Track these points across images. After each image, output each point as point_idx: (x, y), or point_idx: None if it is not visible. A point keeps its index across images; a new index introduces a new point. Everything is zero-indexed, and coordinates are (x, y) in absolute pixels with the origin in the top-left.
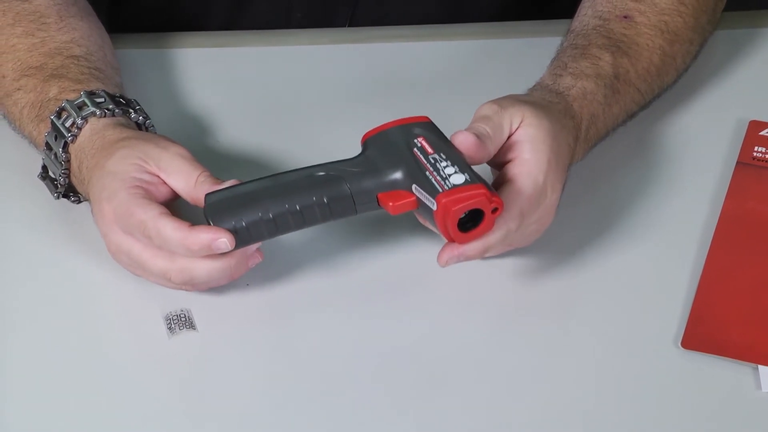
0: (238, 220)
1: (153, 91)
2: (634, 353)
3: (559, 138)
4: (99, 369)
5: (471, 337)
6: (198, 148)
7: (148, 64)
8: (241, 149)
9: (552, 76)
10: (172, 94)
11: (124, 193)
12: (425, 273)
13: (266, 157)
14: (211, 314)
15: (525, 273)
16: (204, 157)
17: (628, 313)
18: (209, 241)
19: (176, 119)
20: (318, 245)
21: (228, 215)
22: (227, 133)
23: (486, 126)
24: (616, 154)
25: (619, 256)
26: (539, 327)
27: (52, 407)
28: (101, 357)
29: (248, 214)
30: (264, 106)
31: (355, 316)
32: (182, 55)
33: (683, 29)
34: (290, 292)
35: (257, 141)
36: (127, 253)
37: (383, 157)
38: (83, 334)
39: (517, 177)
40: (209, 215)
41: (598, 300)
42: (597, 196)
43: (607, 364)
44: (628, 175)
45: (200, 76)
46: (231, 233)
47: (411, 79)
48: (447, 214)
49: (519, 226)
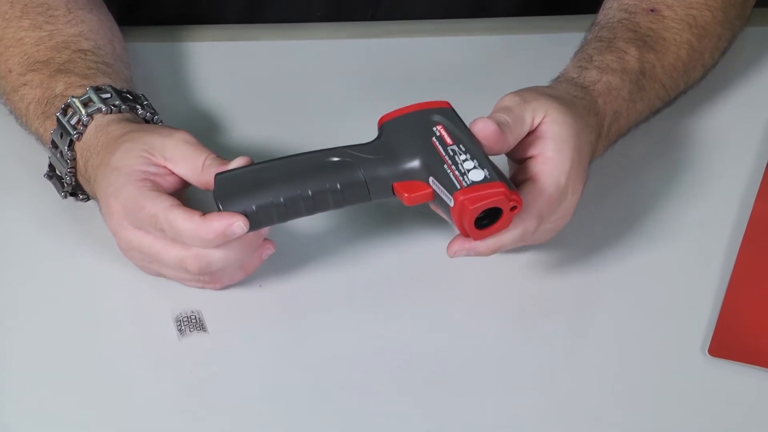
0: (248, 203)
1: (165, 86)
2: (658, 360)
3: (583, 137)
4: (107, 371)
5: (488, 339)
6: (210, 145)
7: (160, 58)
8: (255, 147)
9: (577, 68)
10: (185, 89)
11: (131, 188)
12: (441, 268)
13: (281, 154)
14: (222, 315)
15: (543, 271)
16: (217, 153)
17: (652, 318)
18: (223, 228)
19: (188, 115)
20: (331, 240)
21: (238, 198)
22: (241, 129)
23: (507, 116)
24: (639, 151)
25: (641, 257)
26: (557, 329)
27: (58, 410)
28: (109, 358)
29: (259, 197)
30: (279, 102)
31: (370, 315)
32: (195, 49)
33: (712, 24)
34: (304, 291)
35: (271, 138)
36: (138, 248)
37: (400, 144)
38: (91, 335)
39: (538, 176)
40: (219, 198)
41: (620, 303)
42: (618, 195)
43: (629, 370)
44: (651, 174)
45: (213, 71)
46: (244, 216)
47: (431, 76)
48: (464, 212)
49: (536, 227)
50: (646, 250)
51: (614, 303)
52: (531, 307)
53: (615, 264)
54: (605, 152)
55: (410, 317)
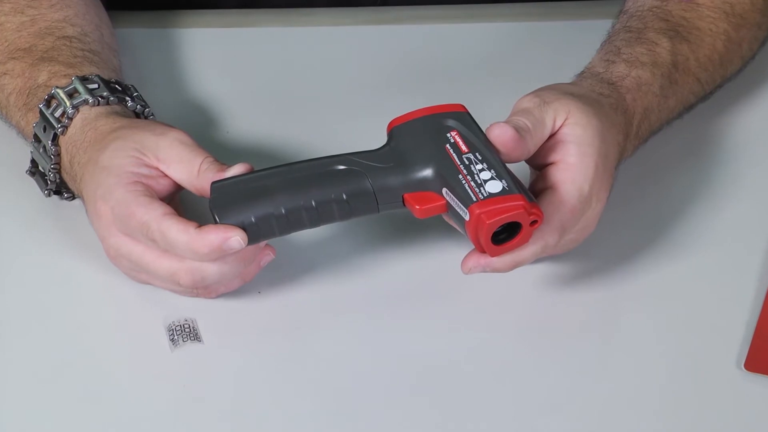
0: (247, 214)
1: (157, 75)
2: (691, 375)
3: (608, 139)
4: (93, 385)
5: (501, 354)
6: (205, 141)
7: (151, 46)
8: (253, 142)
9: (603, 62)
10: (178, 79)
11: (121, 191)
12: (452, 279)
13: (282, 152)
14: (218, 324)
15: (564, 283)
16: (212, 150)
17: (684, 332)
18: (220, 242)
19: (182, 108)
20: (335, 247)
21: (236, 209)
22: (238, 124)
23: (526, 120)
24: (670, 150)
25: (671, 266)
26: (580, 345)
27: (44, 425)
28: (97, 371)
29: (258, 208)
30: (279, 95)
31: (375, 327)
32: (190, 36)
33: (750, 12)
34: (305, 299)
35: (272, 133)
36: (127, 257)
37: (411, 151)
38: (77, 346)
39: (559, 185)
40: (215, 209)
41: (648, 316)
42: (647, 198)
43: (659, 388)
44: (682, 176)
45: (209, 60)
46: (242, 230)
47: (444, 67)
48: (480, 227)
49: (558, 240)
50: (677, 259)
51: (642, 316)
52: (551, 321)
53: (642, 274)
54: (635, 152)
55: (419, 332)
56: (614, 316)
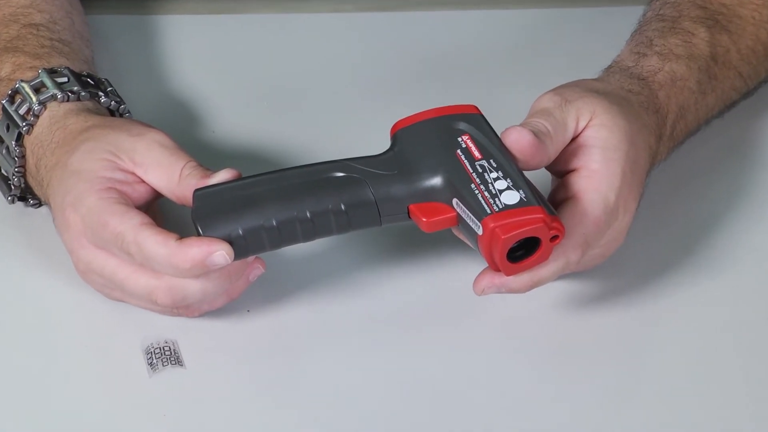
0: (234, 226)
1: (134, 68)
2: (729, 409)
3: (638, 142)
4: (64, 415)
5: (517, 383)
6: (188, 142)
7: (128, 34)
8: (242, 144)
9: (633, 55)
10: (158, 72)
11: (93, 198)
12: (462, 300)
13: (274, 156)
14: (201, 347)
15: (588, 303)
16: (195, 153)
17: (720, 357)
18: (203, 256)
19: (161, 105)
20: (333, 263)
21: (221, 220)
22: (225, 123)
23: (546, 122)
24: (709, 153)
25: (708, 284)
26: (605, 371)
27: None
28: (66, 400)
29: (247, 219)
30: (273, 89)
31: (377, 352)
32: (171, 23)
33: None
34: (299, 319)
35: (263, 134)
36: (99, 272)
37: (418, 157)
38: (43, 372)
39: (582, 194)
40: (198, 220)
41: (682, 339)
42: (681, 208)
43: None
44: (722, 181)
45: (193, 50)
46: (228, 243)
47: (455, 59)
48: (495, 243)
49: (581, 257)
50: (715, 277)
51: (674, 341)
52: (573, 346)
53: (676, 293)
54: (669, 156)
55: (425, 358)
56: (643, 340)
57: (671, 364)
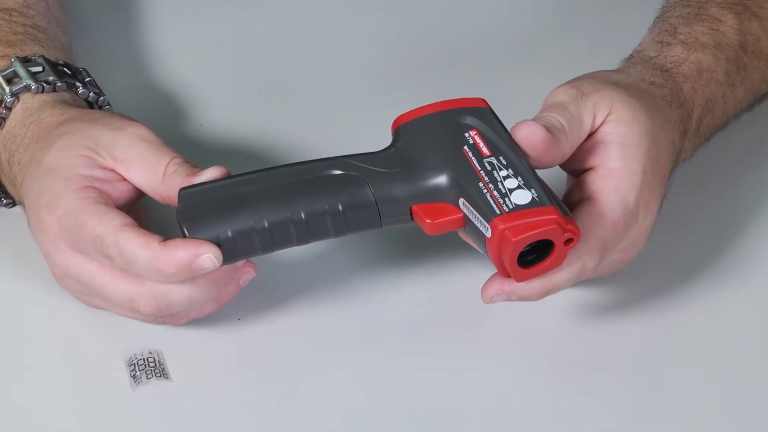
0: (223, 228)
1: (114, 56)
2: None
3: (660, 138)
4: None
5: (527, 399)
6: (173, 137)
7: (108, 19)
8: (232, 139)
9: (656, 44)
10: (140, 60)
11: (70, 198)
12: (469, 308)
13: (265, 149)
14: (189, 358)
15: (606, 312)
16: (181, 148)
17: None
18: (188, 260)
19: (143, 95)
20: (330, 267)
21: (209, 221)
22: (214, 115)
23: (560, 116)
24: (737, 150)
25: (735, 291)
26: (624, 385)
27: None
28: (43, 415)
29: (236, 220)
30: (265, 79)
31: (377, 363)
32: (155, 6)
33: None
34: (294, 329)
35: (254, 128)
36: (77, 278)
37: (422, 154)
38: (18, 385)
39: (600, 195)
40: (184, 221)
41: (708, 351)
42: (707, 209)
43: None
44: (752, 180)
45: (179, 36)
46: (216, 246)
47: (462, 47)
48: (505, 246)
49: (598, 262)
50: (744, 284)
51: (700, 354)
52: (589, 359)
53: (701, 302)
54: (695, 152)
55: (430, 369)
56: (666, 353)
57: (697, 379)
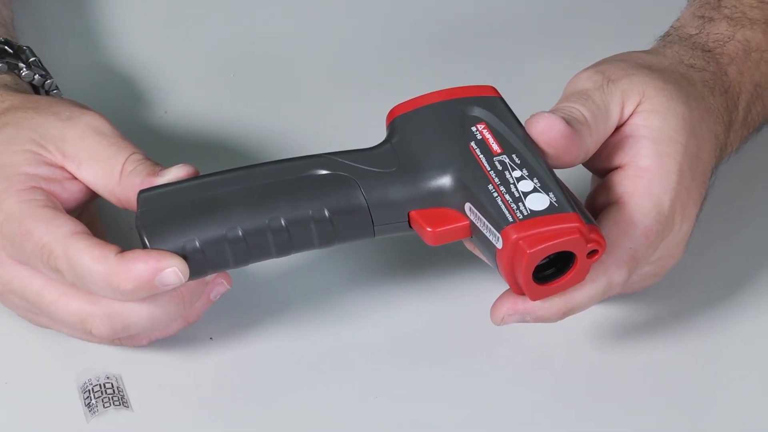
0: (189, 237)
1: (64, 33)
2: None
3: (700, 131)
4: None
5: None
6: (133, 128)
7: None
8: (199, 129)
9: (696, 19)
10: (95, 38)
11: (12, 201)
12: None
13: (239, 144)
14: (152, 384)
15: (634, 334)
16: (141, 142)
17: None
18: (150, 274)
19: (98, 79)
20: (314, 281)
21: (174, 229)
22: (180, 102)
23: (583, 107)
24: None
25: None
26: (657, 419)
27: None
28: None
29: (205, 228)
30: (239, 62)
31: (368, 389)
32: None
33: None
34: (272, 350)
35: (227, 118)
36: (21, 294)
37: (422, 150)
38: None
39: (629, 198)
40: (144, 228)
41: (753, 379)
42: (753, 212)
43: None
44: None
45: (137, 7)
46: (182, 258)
47: (468, 26)
48: (519, 258)
49: (627, 277)
50: None
51: (745, 379)
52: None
53: (747, 320)
54: (743, 146)
55: (432, 399)
56: (704, 381)
57: (743, 407)
